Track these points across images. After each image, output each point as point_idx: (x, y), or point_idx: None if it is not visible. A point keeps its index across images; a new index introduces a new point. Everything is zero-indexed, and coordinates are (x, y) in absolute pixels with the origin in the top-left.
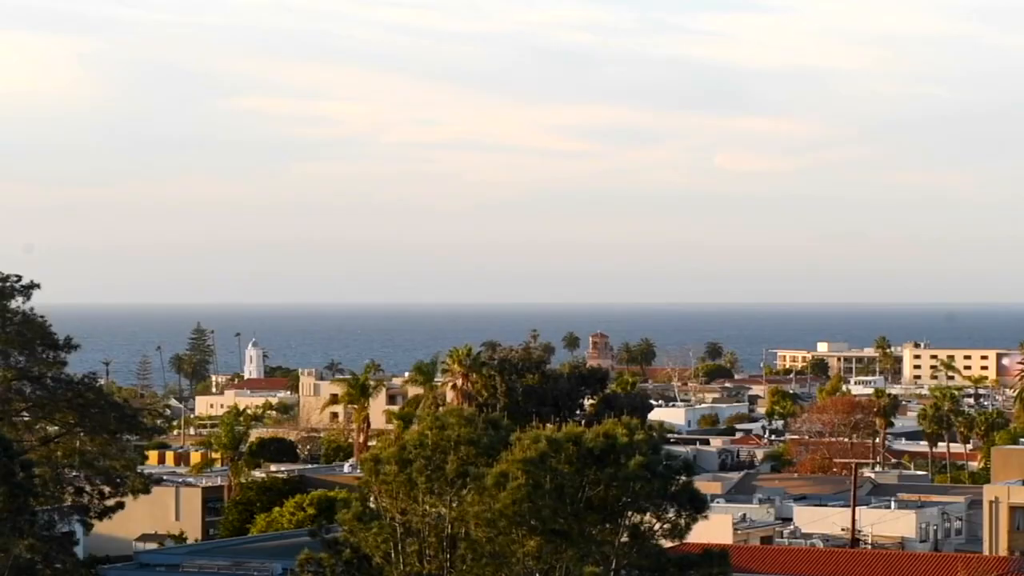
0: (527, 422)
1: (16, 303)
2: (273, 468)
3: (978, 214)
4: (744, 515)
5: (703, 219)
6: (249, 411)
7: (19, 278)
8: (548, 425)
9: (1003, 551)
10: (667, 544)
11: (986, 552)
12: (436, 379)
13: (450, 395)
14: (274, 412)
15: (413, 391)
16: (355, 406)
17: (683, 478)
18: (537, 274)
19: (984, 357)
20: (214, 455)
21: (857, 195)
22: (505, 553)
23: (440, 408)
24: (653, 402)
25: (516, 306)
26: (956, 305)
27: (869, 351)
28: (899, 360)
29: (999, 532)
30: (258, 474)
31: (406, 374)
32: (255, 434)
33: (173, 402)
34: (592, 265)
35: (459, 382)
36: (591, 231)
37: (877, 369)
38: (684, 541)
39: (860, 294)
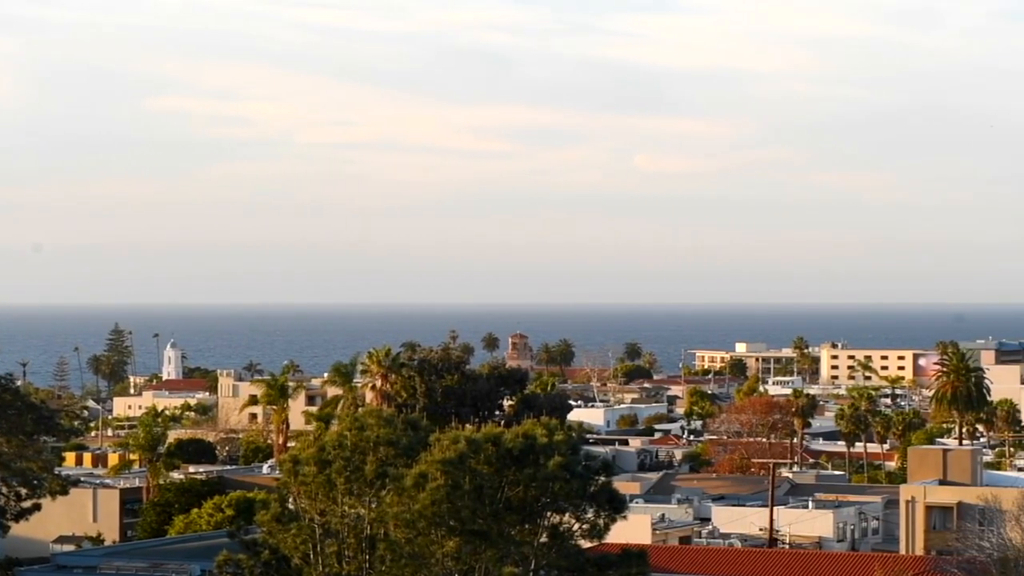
0: (446, 423)
1: None
2: (191, 469)
3: (895, 216)
4: (663, 515)
5: (622, 220)
6: (167, 412)
7: None
8: (467, 426)
9: (919, 550)
10: (586, 544)
11: (903, 551)
12: (355, 380)
13: (369, 396)
14: (192, 413)
15: (332, 392)
16: (274, 407)
17: (602, 478)
18: (457, 275)
19: (901, 357)
20: (132, 456)
21: (775, 196)
22: (424, 554)
23: (359, 409)
24: (572, 402)
25: (435, 307)
26: (873, 306)
27: (787, 351)
28: (817, 360)
29: (915, 532)
30: (176, 475)
31: (325, 375)
32: (173, 435)
33: (91, 403)
34: (511, 265)
35: (378, 383)
36: (510, 232)
37: (795, 369)
38: (603, 541)
39: (778, 295)
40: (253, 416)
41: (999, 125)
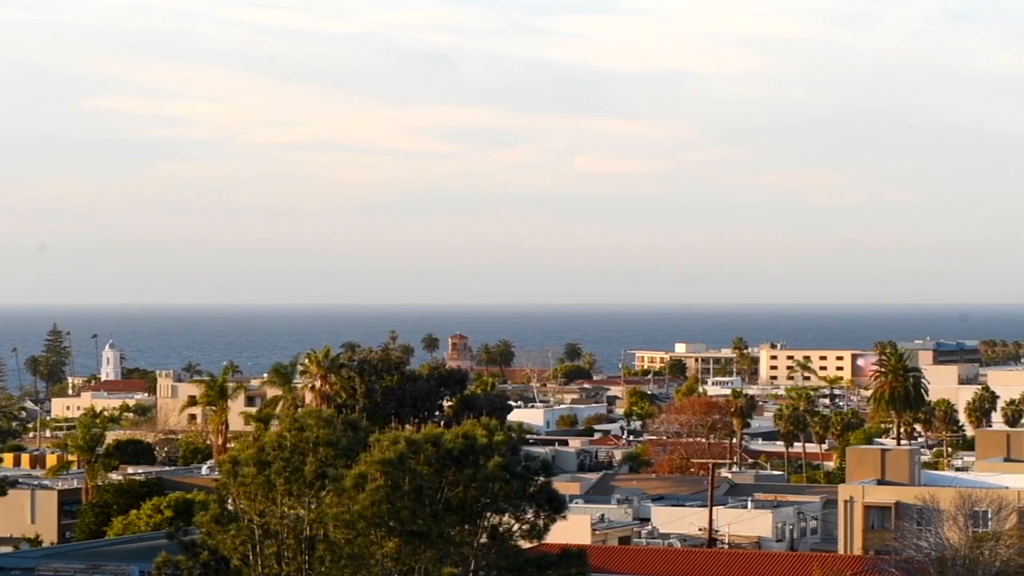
0: (386, 423)
1: None
2: (130, 470)
3: (835, 217)
4: (602, 515)
5: (562, 221)
6: (106, 413)
7: None
8: (407, 426)
9: (858, 550)
10: (526, 545)
11: (841, 551)
12: (295, 381)
13: (309, 397)
14: (131, 414)
15: (272, 393)
16: (213, 408)
17: (542, 479)
18: (397, 275)
19: (839, 358)
20: (70, 457)
21: (716, 197)
22: (364, 555)
23: (299, 410)
24: (512, 403)
25: (375, 307)
26: (812, 306)
27: (726, 352)
28: (756, 361)
29: (854, 531)
30: (115, 476)
31: (265, 376)
32: (112, 436)
33: (28, 404)
34: (452, 266)
35: (318, 384)
36: (451, 232)
37: (734, 370)
38: (543, 542)
39: (718, 295)
40: (192, 417)
41: (942, 126)
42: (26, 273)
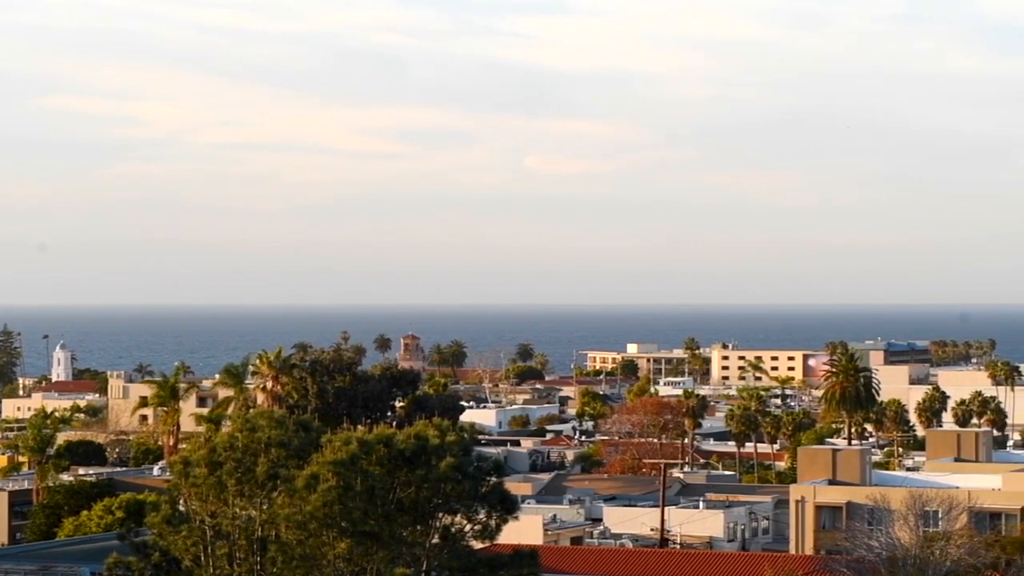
0: (338, 424)
1: None
2: (81, 471)
3: (787, 217)
4: (554, 516)
5: (514, 221)
6: (57, 414)
7: None
8: (359, 427)
9: (809, 550)
10: (478, 545)
11: (793, 551)
12: (246, 381)
13: (260, 397)
14: (82, 415)
15: (223, 393)
16: (165, 409)
17: (494, 479)
18: (349, 276)
19: (791, 358)
20: (21, 458)
21: (667, 198)
22: (316, 555)
23: (250, 410)
24: (464, 403)
25: (327, 308)
26: (764, 307)
27: (678, 352)
28: (708, 361)
29: (805, 531)
30: (66, 477)
31: (216, 376)
32: (63, 437)
33: None
34: (404, 266)
35: (269, 384)
36: (403, 233)
37: (686, 370)
38: (495, 542)
39: (669, 295)
40: (144, 418)
41: (893, 127)
42: None
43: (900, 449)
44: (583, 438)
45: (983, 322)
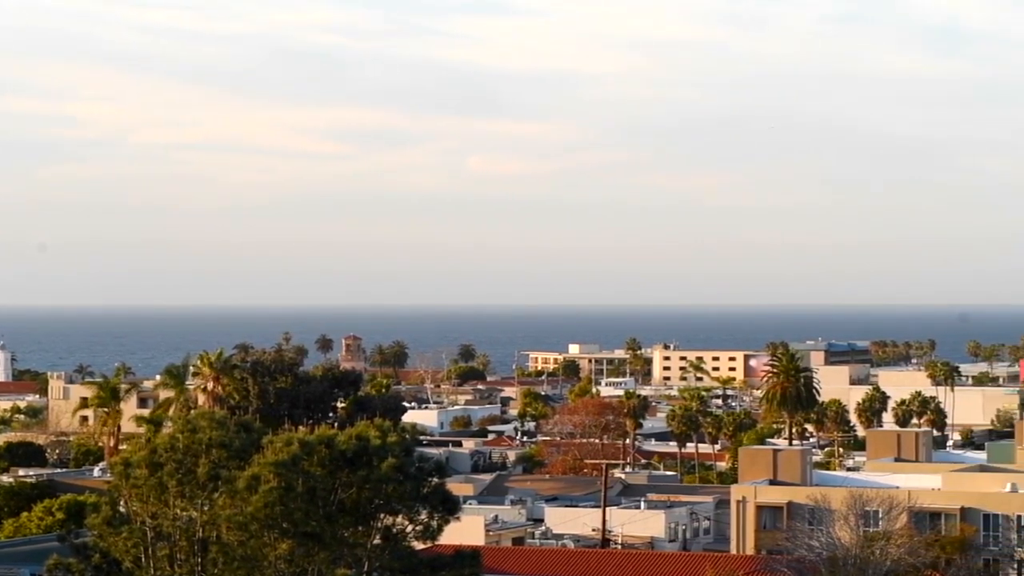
0: (279, 425)
1: None
2: (21, 472)
3: (728, 218)
4: (496, 516)
5: (455, 221)
6: None
7: None
8: (300, 428)
9: (750, 550)
10: (419, 546)
11: (734, 551)
12: (187, 382)
13: (201, 398)
14: (22, 416)
15: (164, 394)
16: (105, 410)
17: (435, 480)
18: (290, 276)
19: (732, 359)
20: None
21: (609, 198)
22: (257, 556)
23: (191, 411)
24: (406, 404)
25: (269, 308)
26: (705, 307)
27: (619, 353)
28: (649, 362)
29: (746, 531)
30: (5, 478)
31: (157, 377)
32: (2, 438)
33: None
34: (345, 267)
35: (210, 385)
36: (343, 233)
37: (627, 371)
38: (436, 542)
39: (611, 296)
40: (84, 419)
41: (833, 128)
42: None
43: (840, 449)
44: (525, 439)
45: (924, 323)
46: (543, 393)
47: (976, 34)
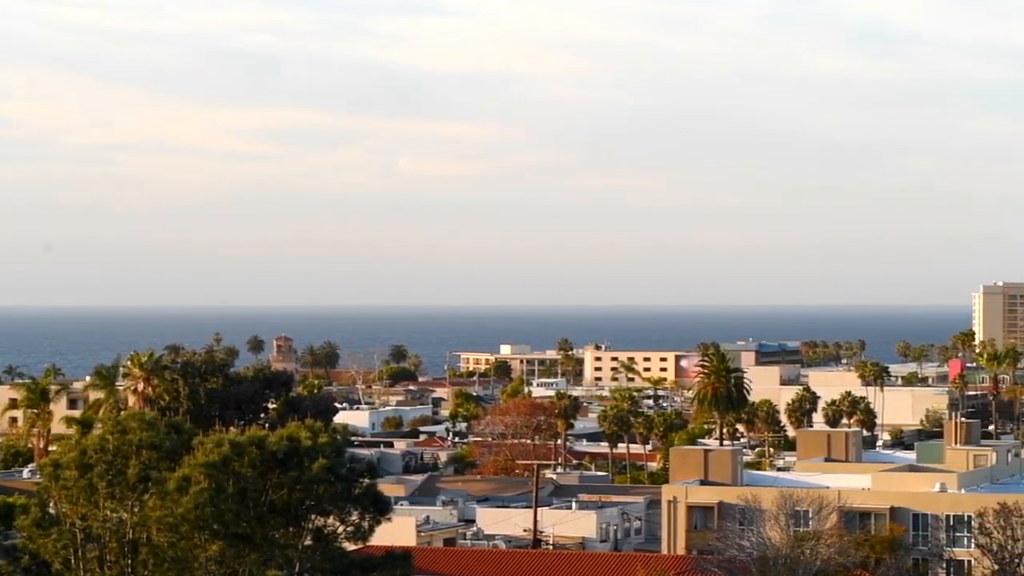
0: (210, 426)
1: None
2: None
3: (660, 220)
4: (427, 517)
5: (388, 222)
6: None
7: None
8: (231, 429)
9: (681, 550)
10: (350, 547)
11: (665, 551)
12: (118, 383)
13: (132, 399)
14: None
15: (94, 395)
16: (35, 411)
17: (366, 481)
18: (221, 276)
19: (663, 359)
20: None
21: (541, 199)
22: (187, 558)
23: (121, 413)
24: (337, 405)
25: (200, 309)
26: (637, 307)
27: (551, 353)
28: (581, 362)
29: (677, 531)
30: None
31: (87, 378)
32: None
33: None
34: (276, 267)
35: (141, 386)
36: (275, 234)
37: (559, 371)
38: (367, 543)
39: (543, 297)
40: (13, 420)
41: (764, 129)
42: None
43: (771, 449)
44: (456, 439)
45: (853, 323)
46: (475, 394)
47: (904, 36)
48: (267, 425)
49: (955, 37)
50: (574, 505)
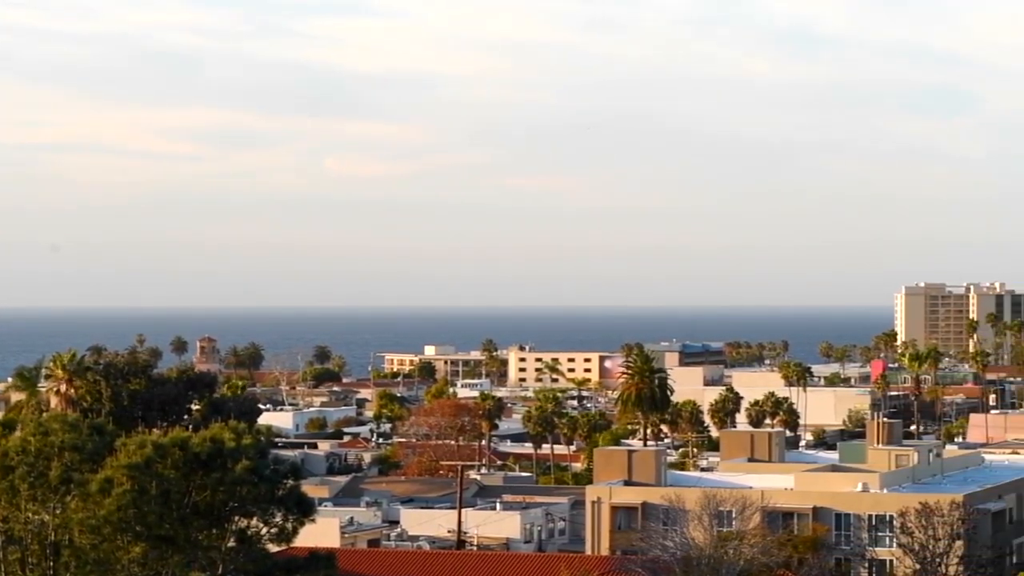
0: (133, 427)
1: None
2: None
3: (584, 221)
4: (351, 518)
5: (313, 222)
6: None
7: None
8: (154, 430)
9: (605, 551)
10: (274, 548)
11: (589, 552)
12: (40, 385)
13: (54, 401)
14: None
15: (16, 397)
16: None
17: (290, 482)
18: (144, 277)
19: (587, 360)
20: None
21: (468, 200)
22: (110, 560)
23: (43, 414)
24: (261, 406)
25: (123, 310)
26: (561, 308)
27: (475, 354)
28: (505, 363)
29: (601, 532)
30: None
31: (9, 380)
32: None
33: None
34: (200, 268)
35: (63, 388)
36: (200, 234)
37: (483, 372)
38: (291, 545)
39: (467, 297)
40: None
41: (688, 131)
42: None
43: (695, 450)
44: (380, 440)
45: (776, 323)
46: (399, 395)
47: (827, 38)
48: (190, 427)
49: (878, 40)
50: (498, 506)
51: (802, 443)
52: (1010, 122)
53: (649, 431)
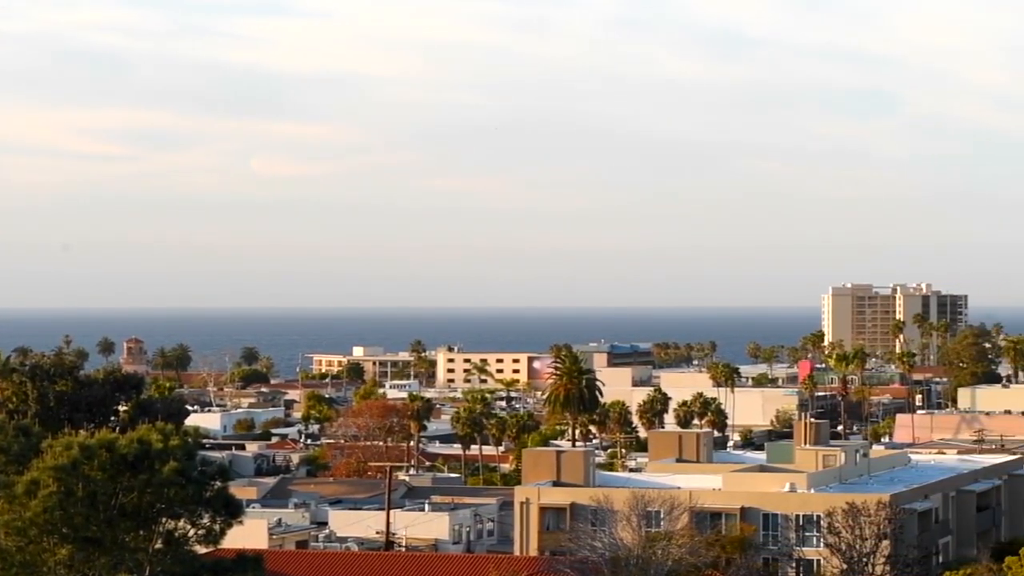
0: (59, 429)
1: None
2: None
3: (510, 222)
4: (280, 520)
5: (238, 223)
6: None
7: None
8: (81, 432)
9: (534, 551)
10: (202, 550)
11: (518, 552)
12: None
13: None
14: None
15: None
16: None
17: (218, 483)
18: (70, 278)
19: (516, 361)
20: None
21: (393, 201)
22: (36, 562)
23: None
24: (189, 407)
25: (49, 311)
26: (490, 310)
27: (404, 355)
28: (434, 364)
29: (530, 533)
30: None
31: None
32: None
33: None
34: (126, 269)
35: None
36: (125, 235)
37: (412, 373)
38: (219, 546)
39: (396, 299)
40: None
41: (615, 132)
42: None
43: (623, 450)
44: (309, 441)
45: (704, 324)
46: (327, 396)
47: (753, 40)
48: (117, 428)
49: (802, 41)
50: (427, 507)
51: (730, 443)
52: (933, 123)
53: (578, 432)
